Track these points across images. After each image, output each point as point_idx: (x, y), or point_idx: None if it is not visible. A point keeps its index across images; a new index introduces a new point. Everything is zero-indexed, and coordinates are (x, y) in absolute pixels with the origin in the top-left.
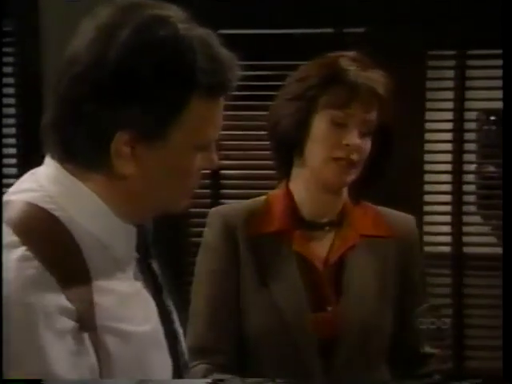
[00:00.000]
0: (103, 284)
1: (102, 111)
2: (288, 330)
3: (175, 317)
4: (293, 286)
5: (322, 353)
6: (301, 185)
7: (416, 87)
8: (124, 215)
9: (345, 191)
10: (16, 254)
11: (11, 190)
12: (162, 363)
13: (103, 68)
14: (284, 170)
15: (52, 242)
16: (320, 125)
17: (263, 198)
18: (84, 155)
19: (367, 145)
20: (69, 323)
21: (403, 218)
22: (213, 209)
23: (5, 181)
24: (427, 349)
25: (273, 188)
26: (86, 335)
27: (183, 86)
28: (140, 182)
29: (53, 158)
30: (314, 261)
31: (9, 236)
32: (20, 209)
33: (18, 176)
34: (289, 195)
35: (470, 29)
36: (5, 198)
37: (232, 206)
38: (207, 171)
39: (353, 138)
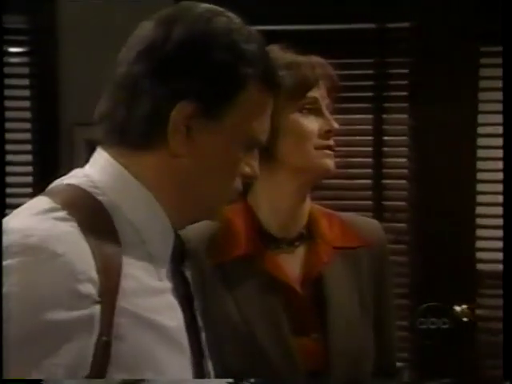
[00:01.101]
0: (132, 272)
1: (165, 84)
2: (271, 363)
3: (202, 333)
4: (272, 313)
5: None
6: (267, 195)
7: (467, 87)
8: (166, 205)
9: (308, 198)
10: (56, 214)
11: None
12: (179, 368)
13: (167, 46)
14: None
15: (91, 219)
16: (291, 119)
17: None
18: (139, 134)
19: None
20: (89, 289)
21: (370, 225)
22: None
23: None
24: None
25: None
26: (99, 309)
27: (243, 66)
28: (188, 167)
29: (104, 148)
30: (291, 282)
31: (49, 204)
32: (63, 188)
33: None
34: (249, 211)
35: None
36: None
37: (187, 233)
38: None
39: (332, 123)
